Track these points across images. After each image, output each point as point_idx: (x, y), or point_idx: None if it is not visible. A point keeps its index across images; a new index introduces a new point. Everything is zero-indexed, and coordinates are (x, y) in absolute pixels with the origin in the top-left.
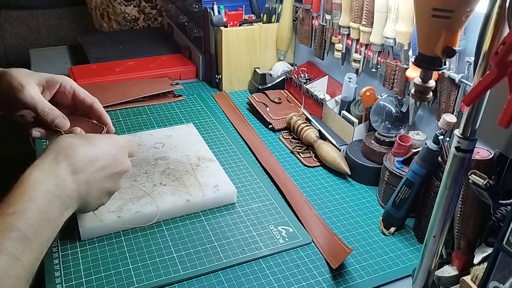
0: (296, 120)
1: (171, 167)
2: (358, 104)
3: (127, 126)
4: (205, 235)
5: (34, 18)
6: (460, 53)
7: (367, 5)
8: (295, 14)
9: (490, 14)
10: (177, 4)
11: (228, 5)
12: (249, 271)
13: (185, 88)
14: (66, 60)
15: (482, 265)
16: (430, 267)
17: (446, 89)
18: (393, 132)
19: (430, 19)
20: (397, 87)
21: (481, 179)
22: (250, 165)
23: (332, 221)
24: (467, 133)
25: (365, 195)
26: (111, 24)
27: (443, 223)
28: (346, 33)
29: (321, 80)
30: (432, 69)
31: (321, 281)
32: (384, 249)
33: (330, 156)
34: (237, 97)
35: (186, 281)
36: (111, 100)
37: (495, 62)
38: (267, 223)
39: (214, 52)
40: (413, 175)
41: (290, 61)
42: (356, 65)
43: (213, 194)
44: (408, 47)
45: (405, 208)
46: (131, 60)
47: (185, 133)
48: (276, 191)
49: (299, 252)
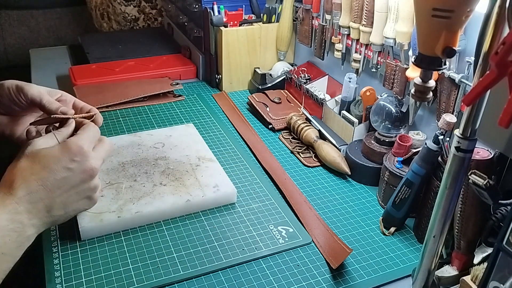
0: (296, 120)
1: (171, 167)
2: (358, 104)
3: (127, 126)
4: (205, 235)
5: (34, 18)
6: (460, 53)
7: (367, 5)
8: (295, 14)
9: (490, 14)
10: (177, 4)
11: (228, 5)
12: (249, 271)
13: (185, 88)
14: (66, 60)
15: (482, 265)
16: (430, 267)
17: (446, 89)
18: (393, 132)
19: (430, 19)
20: (397, 87)
21: (481, 179)
22: (250, 165)
23: (332, 221)
24: (467, 133)
25: (365, 195)
26: (111, 24)
27: (443, 223)
28: (346, 33)
29: (321, 80)
30: (432, 69)
31: (321, 281)
32: (384, 249)
33: (330, 156)
34: (237, 97)
35: (186, 281)
36: (111, 100)
37: (495, 62)
38: (267, 223)
39: (214, 52)
40: (413, 175)
41: (290, 61)
42: (356, 65)
43: (213, 194)
44: (408, 47)
45: (405, 208)
46: (131, 60)
47: (185, 133)
48: (276, 191)
49: (299, 252)
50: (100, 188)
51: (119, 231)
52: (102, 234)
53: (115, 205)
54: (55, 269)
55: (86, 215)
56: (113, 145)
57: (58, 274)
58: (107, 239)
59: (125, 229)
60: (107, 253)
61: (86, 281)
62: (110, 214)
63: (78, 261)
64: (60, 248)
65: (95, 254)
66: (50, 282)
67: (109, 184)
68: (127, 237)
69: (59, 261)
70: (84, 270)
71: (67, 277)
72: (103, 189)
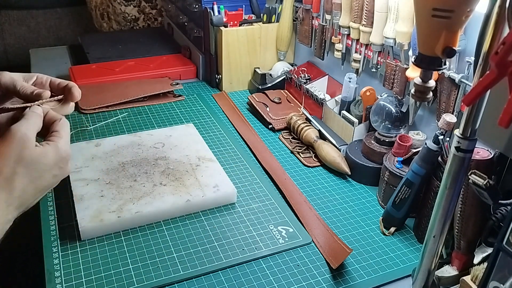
0: (296, 120)
1: (171, 167)
2: (358, 104)
3: (127, 126)
4: (205, 235)
5: (34, 18)
6: (460, 53)
7: (367, 5)
8: (295, 14)
9: (490, 14)
10: (177, 4)
11: (228, 5)
12: (249, 271)
13: (185, 88)
14: (66, 60)
15: (482, 265)
16: (430, 267)
17: (446, 89)
18: (393, 132)
19: (430, 19)
20: (397, 87)
21: (481, 179)
22: (250, 165)
23: (332, 221)
24: (467, 133)
25: (365, 195)
26: (111, 24)
27: (443, 223)
28: (346, 33)
29: (321, 80)
30: (432, 69)
31: (321, 281)
32: (384, 249)
33: (330, 156)
34: (237, 97)
35: (186, 281)
36: (111, 100)
37: (495, 62)
38: (267, 223)
39: (214, 52)
40: (413, 175)
41: (290, 61)
42: (356, 65)
43: (213, 194)
44: (408, 47)
45: (405, 208)
46: (131, 60)
47: (185, 133)
48: (276, 191)
49: (299, 252)
50: None
51: (119, 231)
52: (102, 234)
53: (115, 205)
54: (55, 269)
55: (86, 215)
56: None
57: (58, 274)
58: (107, 239)
59: (125, 229)
60: (107, 253)
61: (86, 281)
62: (110, 214)
63: (78, 261)
64: (60, 248)
65: (95, 254)
66: (50, 282)
67: (109, 183)
68: (127, 237)
69: (59, 261)
70: (84, 270)
71: (67, 277)
72: (103, 190)
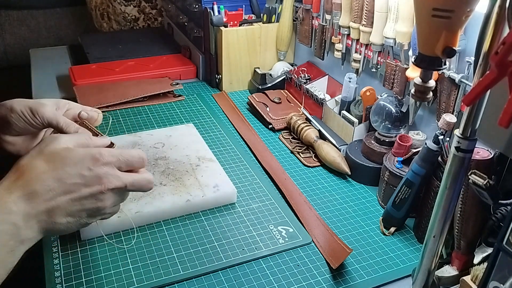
0: (296, 120)
1: (171, 167)
2: (358, 104)
3: (127, 126)
4: (205, 235)
5: (34, 18)
6: (460, 53)
7: (367, 5)
8: (295, 14)
9: (490, 14)
10: (177, 4)
11: (228, 5)
12: (249, 271)
13: (185, 88)
14: (66, 60)
15: (482, 265)
16: (430, 267)
17: (446, 89)
18: (393, 132)
19: (430, 19)
20: (397, 87)
21: (481, 179)
22: (250, 165)
23: (332, 221)
24: (467, 133)
25: (365, 195)
26: (111, 24)
27: (443, 223)
28: (346, 33)
29: (321, 80)
30: (432, 69)
31: (321, 281)
32: (384, 249)
33: (330, 156)
34: (237, 97)
35: (186, 281)
36: (111, 100)
37: (495, 62)
38: (267, 223)
39: (214, 52)
40: (413, 175)
41: (290, 61)
42: (356, 65)
43: (213, 194)
44: (408, 47)
45: (405, 208)
46: (131, 60)
47: (185, 133)
48: (276, 191)
49: (299, 252)
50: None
51: (119, 231)
52: (102, 234)
53: None
54: (55, 269)
55: None
56: None
57: (58, 274)
58: (107, 239)
59: (125, 229)
60: (107, 253)
61: (86, 281)
62: None
63: (78, 261)
64: (60, 248)
65: (95, 254)
66: (50, 282)
67: None
68: (127, 237)
69: (59, 261)
70: (84, 270)
71: (67, 277)
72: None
